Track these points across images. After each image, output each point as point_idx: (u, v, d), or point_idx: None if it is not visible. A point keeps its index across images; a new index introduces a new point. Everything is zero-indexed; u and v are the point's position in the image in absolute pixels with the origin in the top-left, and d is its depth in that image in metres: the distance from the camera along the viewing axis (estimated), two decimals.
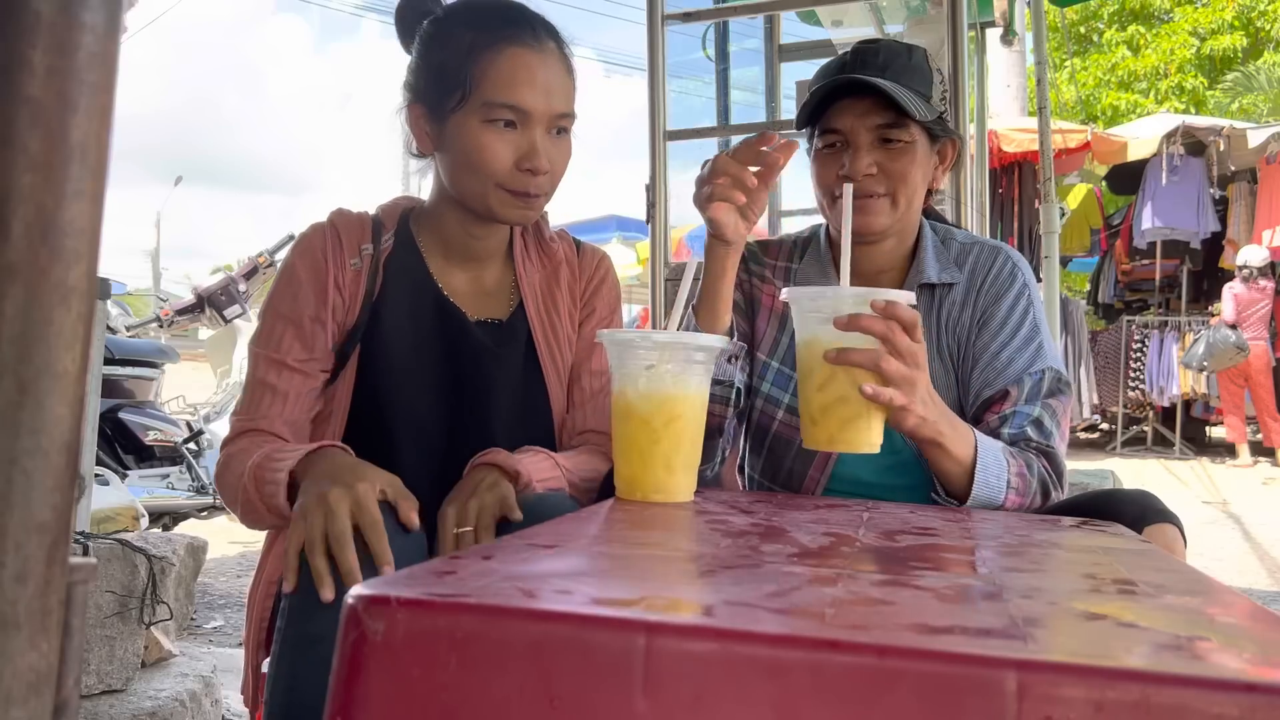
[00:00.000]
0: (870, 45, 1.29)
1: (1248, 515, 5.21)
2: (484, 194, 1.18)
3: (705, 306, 1.22)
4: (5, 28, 0.31)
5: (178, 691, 1.89)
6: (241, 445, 1.17)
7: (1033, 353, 1.26)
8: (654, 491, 0.99)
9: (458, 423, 1.23)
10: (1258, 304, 7.28)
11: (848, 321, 0.97)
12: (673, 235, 3.26)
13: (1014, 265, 1.32)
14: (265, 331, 1.21)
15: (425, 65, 1.21)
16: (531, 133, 1.17)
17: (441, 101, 1.18)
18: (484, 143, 1.15)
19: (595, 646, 0.46)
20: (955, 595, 0.57)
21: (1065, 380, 1.27)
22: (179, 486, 3.74)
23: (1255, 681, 0.41)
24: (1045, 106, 3.71)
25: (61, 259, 0.32)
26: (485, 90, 1.15)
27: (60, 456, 0.32)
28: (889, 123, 1.24)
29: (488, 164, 1.16)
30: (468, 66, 1.15)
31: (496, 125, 1.15)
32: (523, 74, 1.16)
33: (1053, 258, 3.65)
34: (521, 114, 1.16)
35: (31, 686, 0.32)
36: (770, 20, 3.58)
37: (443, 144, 1.20)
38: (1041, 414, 1.23)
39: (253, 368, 1.21)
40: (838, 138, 1.27)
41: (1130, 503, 1.09)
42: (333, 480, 0.99)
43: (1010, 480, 1.14)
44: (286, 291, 1.21)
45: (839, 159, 1.26)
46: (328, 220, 1.25)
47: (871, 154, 1.24)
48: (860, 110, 1.24)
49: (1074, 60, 14.14)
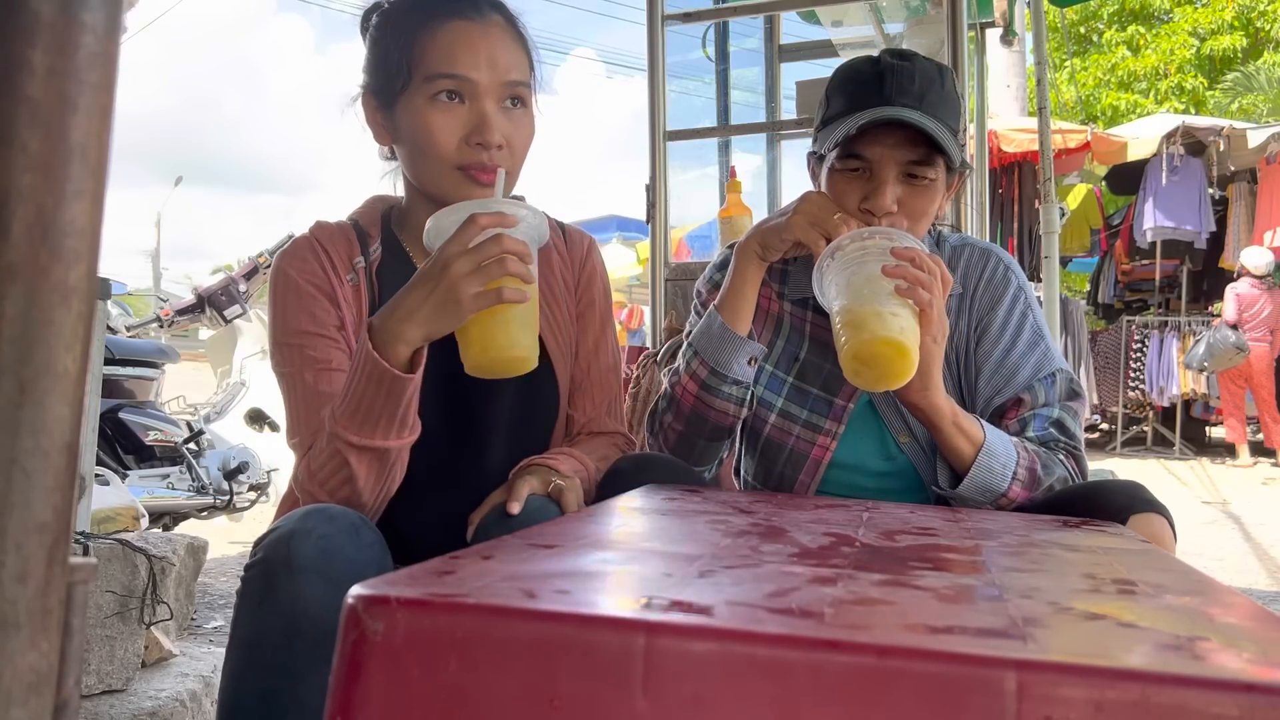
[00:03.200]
0: (904, 64, 1.20)
1: (1248, 515, 5.20)
2: (440, 176, 1.14)
3: (731, 306, 1.24)
4: (5, 28, 0.31)
5: (178, 691, 1.89)
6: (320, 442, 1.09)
7: (1039, 356, 1.25)
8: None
9: (460, 421, 1.22)
10: (1259, 304, 7.27)
11: (905, 248, 1.10)
12: (673, 235, 3.26)
13: (1006, 268, 1.31)
14: (295, 347, 1.15)
15: (372, 55, 1.19)
16: (480, 104, 1.13)
17: (388, 88, 1.15)
18: (429, 120, 1.12)
19: (595, 646, 0.46)
20: (955, 595, 0.57)
21: (1076, 382, 1.27)
22: (179, 486, 3.74)
23: (1255, 681, 0.41)
24: (1045, 106, 3.71)
25: (61, 259, 0.32)
26: (426, 65, 1.12)
27: (60, 456, 0.32)
28: (919, 159, 1.19)
29: (436, 142, 1.12)
30: (409, 47, 1.13)
31: (440, 100, 1.12)
32: (462, 44, 1.13)
33: (1053, 258, 3.65)
34: (467, 83, 1.12)
35: (31, 686, 0.32)
36: (770, 20, 3.58)
37: (397, 133, 1.17)
38: (1063, 415, 1.24)
39: (294, 385, 1.14)
40: (863, 164, 1.21)
41: (1118, 493, 1.09)
42: (418, 286, 1.00)
43: (1017, 471, 1.14)
44: (300, 308, 1.16)
45: (859, 184, 1.21)
46: (310, 236, 1.21)
47: (895, 188, 1.20)
48: (892, 142, 1.19)
49: (1074, 60, 14.14)
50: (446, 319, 1.00)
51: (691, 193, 3.53)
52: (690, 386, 1.26)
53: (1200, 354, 7.24)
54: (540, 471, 1.13)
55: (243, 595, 0.95)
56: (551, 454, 1.18)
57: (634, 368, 2.52)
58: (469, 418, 1.21)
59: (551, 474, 1.12)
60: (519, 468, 1.16)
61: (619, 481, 1.13)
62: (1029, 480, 1.15)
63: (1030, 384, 1.23)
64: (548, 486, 1.10)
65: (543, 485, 1.10)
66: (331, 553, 0.92)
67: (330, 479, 1.07)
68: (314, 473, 1.08)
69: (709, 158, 3.46)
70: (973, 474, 1.14)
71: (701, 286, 1.40)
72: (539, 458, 1.17)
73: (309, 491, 1.09)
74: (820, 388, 1.31)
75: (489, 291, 0.98)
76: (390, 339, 1.01)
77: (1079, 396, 1.26)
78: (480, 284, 0.98)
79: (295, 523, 0.94)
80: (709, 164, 3.46)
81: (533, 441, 1.26)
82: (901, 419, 1.28)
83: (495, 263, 0.98)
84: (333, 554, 0.92)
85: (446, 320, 1.00)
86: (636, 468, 1.16)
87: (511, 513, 1.05)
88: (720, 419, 1.26)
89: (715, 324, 1.25)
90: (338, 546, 0.93)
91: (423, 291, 0.99)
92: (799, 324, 1.35)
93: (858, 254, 1.12)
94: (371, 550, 0.97)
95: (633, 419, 2.42)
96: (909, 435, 1.28)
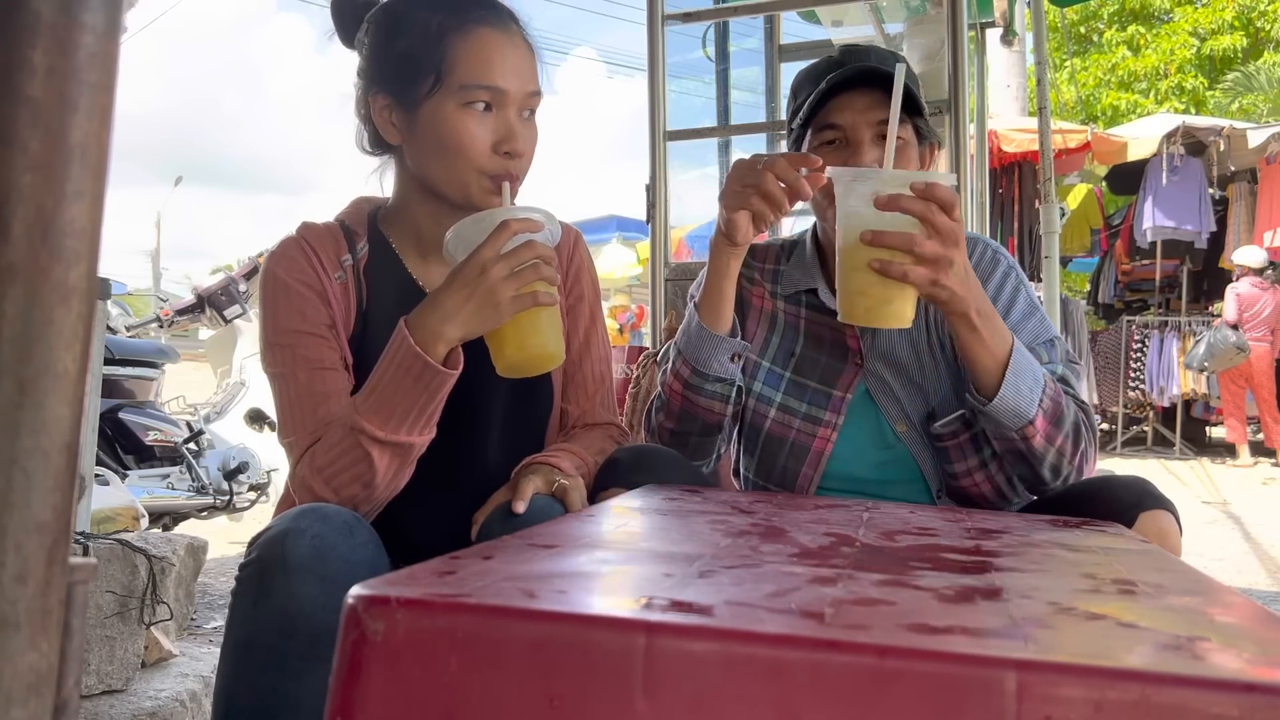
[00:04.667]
0: (859, 48, 1.29)
1: (1248, 515, 5.20)
2: (464, 181, 1.16)
3: (708, 304, 1.22)
4: (5, 28, 0.31)
5: (178, 691, 1.89)
6: (330, 438, 1.09)
7: (1036, 324, 1.26)
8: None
9: (457, 417, 1.22)
10: (1259, 304, 7.27)
11: (887, 201, 1.02)
12: (673, 235, 3.27)
13: (994, 251, 1.33)
14: (287, 347, 1.15)
15: (386, 53, 1.18)
16: (507, 114, 1.15)
17: (411, 89, 1.15)
18: (462, 126, 1.13)
19: (595, 646, 0.46)
20: (955, 595, 0.57)
21: (1072, 353, 1.28)
22: (179, 486, 3.74)
23: (1255, 681, 0.41)
24: (1045, 106, 3.71)
25: (61, 259, 0.32)
26: (461, 73, 1.13)
27: (60, 456, 0.32)
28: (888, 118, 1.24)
29: (467, 148, 1.14)
30: (439, 50, 1.14)
31: (474, 108, 1.14)
32: (496, 55, 1.15)
33: (1053, 258, 3.65)
34: (498, 95, 1.14)
35: (31, 686, 0.32)
36: (770, 20, 3.58)
37: (414, 133, 1.17)
38: (1067, 372, 1.24)
39: (287, 384, 1.14)
40: (837, 134, 1.26)
41: (1125, 488, 1.09)
42: (450, 292, 1.04)
43: (1043, 399, 1.12)
44: (291, 307, 1.16)
45: (837, 155, 1.25)
46: (298, 236, 1.20)
47: (872, 150, 1.24)
48: (861, 106, 1.24)
49: (1074, 60, 14.14)
50: (486, 320, 1.04)
51: (691, 193, 3.53)
52: (676, 385, 1.27)
53: (1200, 354, 7.23)
54: (544, 470, 1.13)
55: (237, 595, 0.95)
56: (553, 452, 1.18)
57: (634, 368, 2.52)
58: (466, 414, 1.21)
59: (555, 473, 1.13)
60: (522, 466, 1.16)
61: (616, 472, 1.13)
62: (1054, 411, 1.13)
63: (1032, 347, 1.23)
64: (552, 486, 1.11)
65: (546, 484, 1.11)
66: (325, 551, 0.93)
67: (340, 475, 1.07)
68: (321, 469, 1.08)
69: (709, 158, 3.46)
70: (1002, 396, 1.11)
71: (695, 289, 1.41)
72: (541, 456, 1.17)
73: (311, 488, 1.08)
74: (818, 381, 1.33)
75: (525, 294, 1.03)
76: (431, 338, 1.04)
77: (1077, 364, 1.27)
78: (516, 287, 1.03)
79: (289, 522, 0.95)
80: (709, 164, 3.46)
81: (529, 436, 1.27)
82: (899, 407, 1.29)
83: (530, 267, 1.03)
84: (327, 553, 0.93)
85: (486, 321, 1.04)
86: (634, 458, 1.16)
87: (517, 512, 1.05)
88: (708, 416, 1.27)
89: (693, 322, 1.24)
90: (332, 545, 0.93)
91: (463, 294, 1.03)
92: (793, 320, 1.37)
93: (843, 193, 1.08)
94: (366, 549, 0.97)
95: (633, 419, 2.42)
96: (906, 423, 1.29)
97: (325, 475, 1.08)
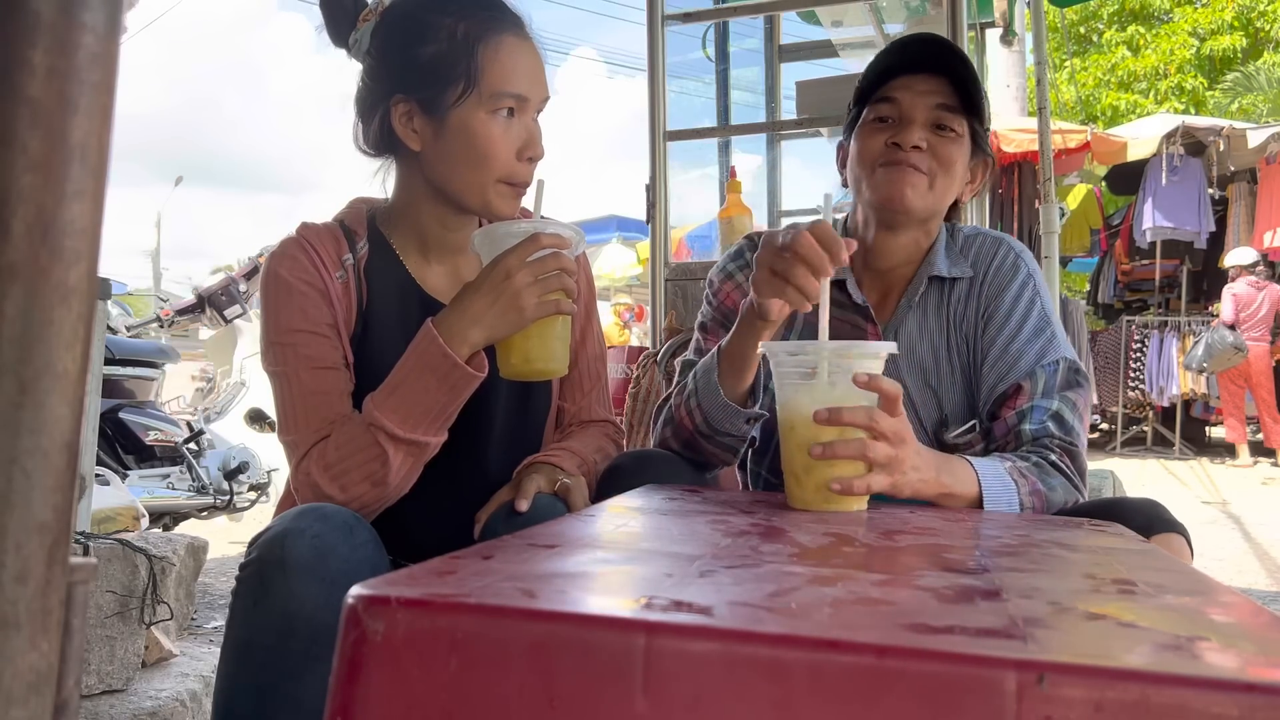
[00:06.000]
0: (935, 36, 1.29)
1: (1248, 515, 5.20)
2: (484, 187, 1.17)
3: (730, 364, 1.17)
4: (5, 28, 0.31)
5: (178, 691, 1.89)
6: (342, 435, 1.09)
7: (1043, 344, 1.25)
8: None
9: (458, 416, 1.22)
10: (1256, 304, 7.28)
11: (828, 417, 0.95)
12: (673, 235, 3.26)
13: (1017, 255, 1.31)
14: (289, 346, 1.15)
15: (409, 58, 1.17)
16: (526, 120, 1.18)
17: (439, 95, 1.15)
18: (491, 133, 1.15)
19: (595, 646, 0.46)
20: (955, 595, 0.57)
21: (1081, 371, 1.26)
22: (179, 486, 3.74)
23: (1255, 681, 0.41)
24: (1045, 107, 3.71)
25: (61, 259, 0.32)
26: (492, 81, 1.14)
27: (60, 456, 0.32)
28: (948, 105, 1.24)
29: (494, 155, 1.15)
30: (469, 58, 1.14)
31: (500, 115, 1.15)
32: (522, 63, 1.17)
33: (1053, 258, 3.64)
34: (522, 102, 1.17)
35: (31, 686, 0.32)
36: (770, 20, 3.58)
37: (440, 139, 1.17)
38: (1061, 408, 1.21)
39: (289, 383, 1.14)
40: (892, 111, 1.26)
41: (1137, 512, 1.08)
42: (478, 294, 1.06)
43: (1022, 500, 1.12)
44: (292, 305, 1.15)
45: (887, 132, 1.25)
46: (298, 236, 1.20)
47: (923, 130, 1.24)
48: (923, 88, 1.25)
49: (1074, 60, 14.15)
50: (509, 324, 1.07)
51: (691, 193, 3.53)
52: (687, 423, 1.23)
53: (1199, 355, 7.24)
54: (546, 469, 1.14)
55: (237, 595, 0.95)
56: (554, 451, 1.19)
57: (634, 368, 2.52)
58: (466, 413, 1.21)
59: (557, 472, 1.13)
60: (524, 465, 1.17)
61: (620, 478, 1.13)
62: (1038, 504, 1.13)
63: (1032, 370, 1.22)
64: (554, 485, 1.12)
65: (549, 483, 1.12)
66: (325, 552, 0.93)
67: (351, 472, 1.07)
68: (330, 465, 1.08)
69: (709, 158, 3.46)
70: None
71: (715, 276, 1.40)
72: (543, 455, 1.18)
73: (316, 485, 1.08)
74: None
75: (546, 302, 1.06)
76: (456, 340, 1.06)
77: (1081, 386, 1.25)
78: (539, 295, 1.06)
79: (289, 522, 0.95)
80: (709, 164, 3.46)
81: (528, 434, 1.28)
82: (913, 411, 1.28)
83: (554, 277, 1.06)
84: (326, 553, 0.93)
85: (509, 325, 1.07)
86: (637, 464, 1.16)
87: (520, 510, 1.06)
88: (715, 458, 1.26)
89: (713, 377, 1.18)
90: (331, 545, 0.94)
91: (488, 298, 1.06)
92: (812, 315, 1.35)
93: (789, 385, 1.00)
94: (365, 549, 0.97)
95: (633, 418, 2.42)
96: (918, 427, 1.28)
97: (334, 472, 1.07)
